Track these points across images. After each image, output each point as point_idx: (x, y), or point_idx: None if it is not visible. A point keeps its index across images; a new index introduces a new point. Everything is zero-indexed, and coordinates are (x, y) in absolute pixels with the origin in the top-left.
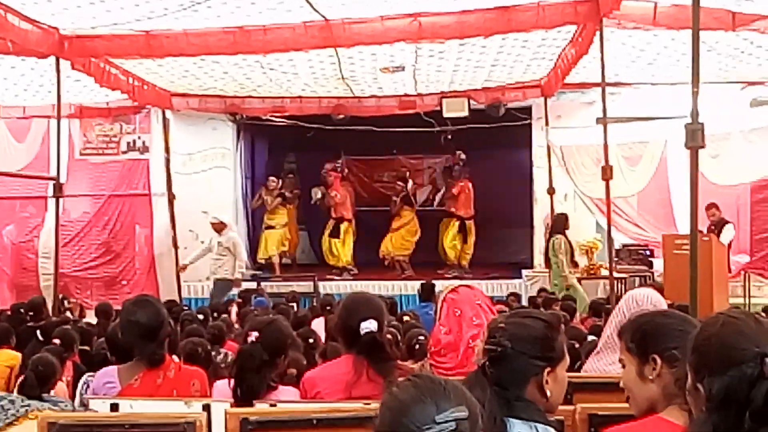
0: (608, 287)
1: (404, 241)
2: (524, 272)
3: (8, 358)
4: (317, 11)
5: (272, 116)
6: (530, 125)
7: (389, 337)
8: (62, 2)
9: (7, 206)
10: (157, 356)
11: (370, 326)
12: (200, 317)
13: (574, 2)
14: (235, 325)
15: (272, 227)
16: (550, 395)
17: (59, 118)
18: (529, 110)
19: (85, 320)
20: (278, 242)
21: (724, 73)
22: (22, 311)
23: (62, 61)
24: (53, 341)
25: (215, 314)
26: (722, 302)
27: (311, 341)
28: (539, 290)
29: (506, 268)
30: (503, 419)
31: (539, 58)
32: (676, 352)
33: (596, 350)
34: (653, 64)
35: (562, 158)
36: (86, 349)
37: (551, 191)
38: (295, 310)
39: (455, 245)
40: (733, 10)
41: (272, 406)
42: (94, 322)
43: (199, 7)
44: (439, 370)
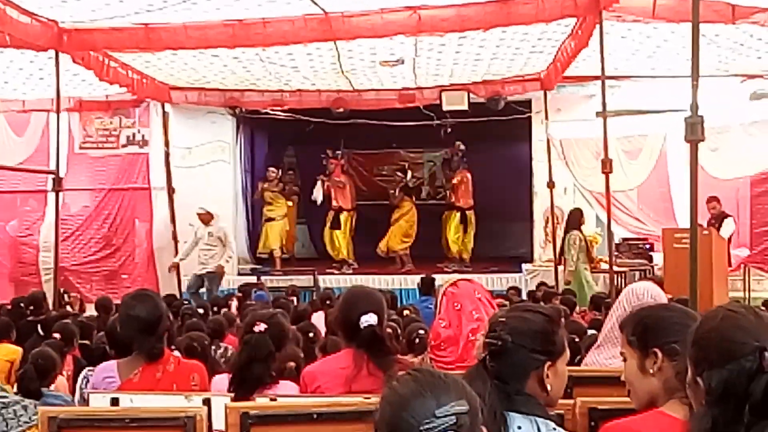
0: (608, 281)
1: (404, 233)
2: (524, 266)
3: (9, 352)
4: (317, 4)
5: (272, 110)
6: (530, 119)
7: (389, 331)
8: None
9: (8, 201)
10: (156, 350)
11: (370, 320)
12: (200, 311)
13: None
14: (236, 319)
15: (272, 219)
16: (550, 389)
17: (59, 111)
18: (528, 103)
19: (85, 314)
20: (279, 235)
21: (724, 66)
22: (22, 305)
23: (61, 54)
24: (53, 335)
25: (215, 308)
26: (722, 296)
27: (311, 335)
28: (539, 284)
29: (506, 262)
30: (503, 413)
31: (539, 51)
32: (677, 345)
33: (596, 344)
34: (653, 57)
35: (561, 152)
36: (86, 343)
37: (551, 185)
38: (295, 304)
39: (459, 238)
40: (732, 2)
41: (272, 400)
42: (94, 315)
43: None
44: (439, 364)
